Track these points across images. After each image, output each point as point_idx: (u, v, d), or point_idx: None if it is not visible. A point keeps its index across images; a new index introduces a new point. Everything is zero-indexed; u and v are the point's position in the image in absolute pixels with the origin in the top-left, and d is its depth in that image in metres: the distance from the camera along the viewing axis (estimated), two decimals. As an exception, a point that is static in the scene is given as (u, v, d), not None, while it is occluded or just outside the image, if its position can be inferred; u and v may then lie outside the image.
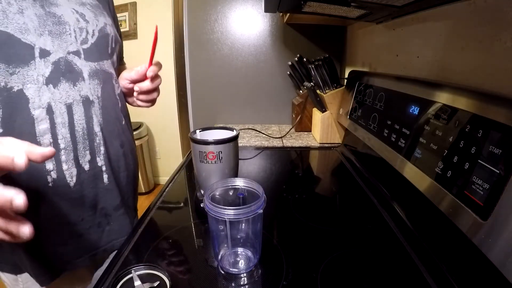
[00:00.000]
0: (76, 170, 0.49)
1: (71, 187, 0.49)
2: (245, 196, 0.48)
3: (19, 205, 0.28)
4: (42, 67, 0.44)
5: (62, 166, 0.48)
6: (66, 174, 0.48)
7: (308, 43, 1.29)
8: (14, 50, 0.41)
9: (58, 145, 0.47)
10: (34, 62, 0.43)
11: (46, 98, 0.45)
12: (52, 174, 0.47)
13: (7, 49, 0.41)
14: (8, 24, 0.40)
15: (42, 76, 0.44)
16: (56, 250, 0.51)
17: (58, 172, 0.47)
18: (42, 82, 0.44)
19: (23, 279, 0.52)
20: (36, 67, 0.44)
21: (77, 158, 0.49)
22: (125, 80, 0.60)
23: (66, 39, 0.47)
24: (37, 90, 0.44)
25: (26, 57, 0.43)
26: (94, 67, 0.52)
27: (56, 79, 0.46)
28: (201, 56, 1.33)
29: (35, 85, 0.44)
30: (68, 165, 0.48)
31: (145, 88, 0.58)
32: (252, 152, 1.01)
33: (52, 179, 0.47)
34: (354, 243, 0.51)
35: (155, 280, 0.40)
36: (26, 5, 0.42)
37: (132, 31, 2.28)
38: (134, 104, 0.66)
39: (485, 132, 0.38)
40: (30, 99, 0.44)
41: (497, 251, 0.33)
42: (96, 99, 0.52)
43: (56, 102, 0.46)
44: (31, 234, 0.30)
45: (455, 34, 0.55)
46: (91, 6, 0.54)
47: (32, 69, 0.43)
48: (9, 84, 0.42)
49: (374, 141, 0.71)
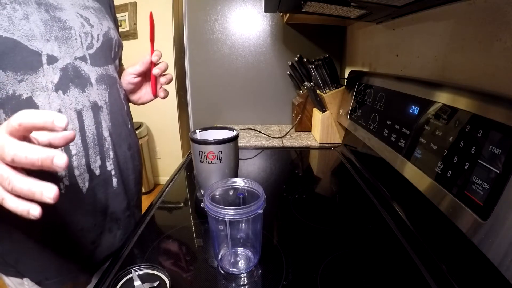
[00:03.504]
0: (88, 176, 0.49)
1: (84, 193, 0.49)
2: (245, 196, 0.48)
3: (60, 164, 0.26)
4: (51, 74, 0.44)
5: (74, 172, 0.47)
6: (78, 180, 0.48)
7: (308, 43, 1.29)
8: (21, 57, 0.41)
9: (70, 151, 0.46)
10: (42, 69, 0.43)
11: (56, 105, 0.45)
12: (64, 181, 0.46)
13: (14, 56, 0.40)
14: (14, 31, 0.39)
15: (51, 83, 0.44)
16: (70, 258, 0.51)
17: (70, 179, 0.47)
18: (52, 89, 0.44)
19: (29, 282, 0.51)
20: (44, 74, 0.43)
21: (89, 163, 0.49)
22: (130, 75, 0.61)
23: (72, 45, 0.47)
24: (46, 97, 0.44)
25: (34, 64, 0.42)
26: (100, 72, 0.52)
27: (65, 86, 0.45)
28: (201, 56, 1.33)
29: (45, 92, 0.43)
30: (80, 171, 0.48)
31: (164, 67, 0.60)
32: (252, 152, 1.01)
33: (64, 185, 0.46)
34: (354, 243, 0.51)
35: (155, 280, 0.40)
36: (31, 11, 0.42)
37: (132, 31, 2.28)
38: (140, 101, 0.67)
39: (485, 132, 0.38)
40: (40, 106, 0.43)
41: (497, 251, 0.33)
42: (104, 104, 0.52)
43: (66, 108, 0.46)
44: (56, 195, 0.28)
45: (455, 34, 0.55)
46: (94, 9, 0.54)
47: (40, 76, 0.43)
48: (17, 92, 0.41)
49: (374, 141, 0.71)
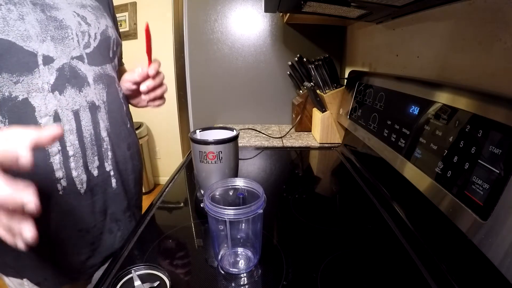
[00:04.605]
0: (86, 177, 0.49)
1: (82, 194, 0.49)
2: (245, 196, 0.48)
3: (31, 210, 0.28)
4: (47, 74, 0.43)
5: (72, 173, 0.47)
6: (76, 181, 0.48)
7: (308, 43, 1.29)
8: (16, 58, 0.40)
9: (67, 152, 0.46)
10: (38, 70, 0.43)
11: (53, 105, 0.44)
12: (62, 182, 0.46)
13: (9, 58, 0.40)
14: (9, 32, 0.39)
15: (47, 83, 0.44)
16: (69, 259, 0.51)
17: (68, 180, 0.47)
18: (48, 89, 0.44)
19: (28, 283, 0.51)
20: (40, 74, 0.43)
21: (86, 164, 0.49)
22: (128, 83, 0.60)
23: (69, 44, 0.46)
24: (43, 98, 0.43)
25: (30, 65, 0.42)
26: (98, 72, 0.51)
27: (62, 86, 0.45)
28: (201, 56, 1.33)
29: (41, 93, 0.43)
30: (78, 172, 0.48)
31: (152, 85, 0.58)
32: (252, 152, 1.00)
33: (62, 187, 0.46)
34: (354, 243, 0.51)
35: (155, 280, 0.40)
36: (26, 11, 0.41)
37: (132, 31, 2.27)
38: (139, 105, 0.66)
39: (485, 132, 0.38)
40: (36, 107, 0.43)
41: (497, 251, 0.33)
42: (102, 103, 0.51)
43: (63, 109, 0.45)
44: (33, 237, 0.29)
45: (455, 34, 0.55)
46: (91, 8, 0.53)
47: (36, 77, 0.42)
48: (13, 93, 0.41)
49: (374, 141, 0.71)
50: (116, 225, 0.57)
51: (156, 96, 0.61)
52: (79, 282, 0.54)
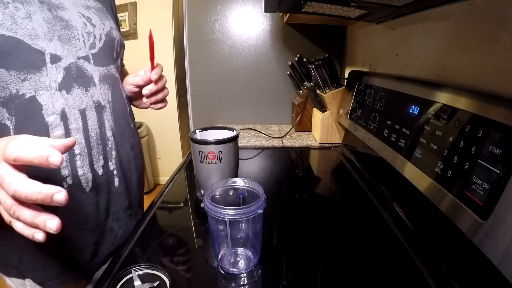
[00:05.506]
0: (91, 175, 0.49)
1: (87, 193, 0.49)
2: (245, 196, 0.48)
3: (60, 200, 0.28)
4: (54, 73, 0.44)
5: (78, 172, 0.47)
6: (82, 180, 0.48)
7: (308, 43, 1.29)
8: (24, 56, 0.40)
9: (73, 150, 0.46)
10: (46, 68, 0.43)
11: (60, 104, 0.44)
12: (68, 180, 0.46)
13: (17, 55, 0.40)
14: (17, 30, 0.39)
15: (54, 82, 0.44)
16: (73, 258, 0.51)
17: (74, 178, 0.47)
18: (55, 88, 0.44)
19: (31, 283, 0.51)
20: (48, 73, 0.43)
21: (92, 163, 0.49)
22: (131, 85, 0.61)
23: (75, 44, 0.47)
24: (50, 97, 0.43)
25: (37, 63, 0.42)
26: (103, 72, 0.52)
27: (69, 85, 0.45)
28: (201, 56, 1.33)
29: (48, 91, 0.43)
30: (84, 170, 0.48)
31: (154, 89, 0.59)
32: (252, 152, 1.01)
33: (68, 185, 0.46)
34: (354, 243, 0.51)
35: (155, 280, 0.40)
36: (33, 10, 0.41)
37: (132, 31, 2.28)
38: (140, 106, 0.67)
39: (485, 132, 0.38)
40: (43, 105, 0.43)
41: (497, 251, 0.33)
42: (107, 103, 0.52)
43: (70, 108, 0.45)
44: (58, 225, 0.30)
45: (455, 34, 0.55)
46: (96, 9, 0.54)
47: (44, 75, 0.42)
48: (20, 91, 0.41)
49: (374, 141, 0.71)
50: (117, 223, 0.57)
51: (158, 99, 0.62)
52: (81, 282, 0.54)
